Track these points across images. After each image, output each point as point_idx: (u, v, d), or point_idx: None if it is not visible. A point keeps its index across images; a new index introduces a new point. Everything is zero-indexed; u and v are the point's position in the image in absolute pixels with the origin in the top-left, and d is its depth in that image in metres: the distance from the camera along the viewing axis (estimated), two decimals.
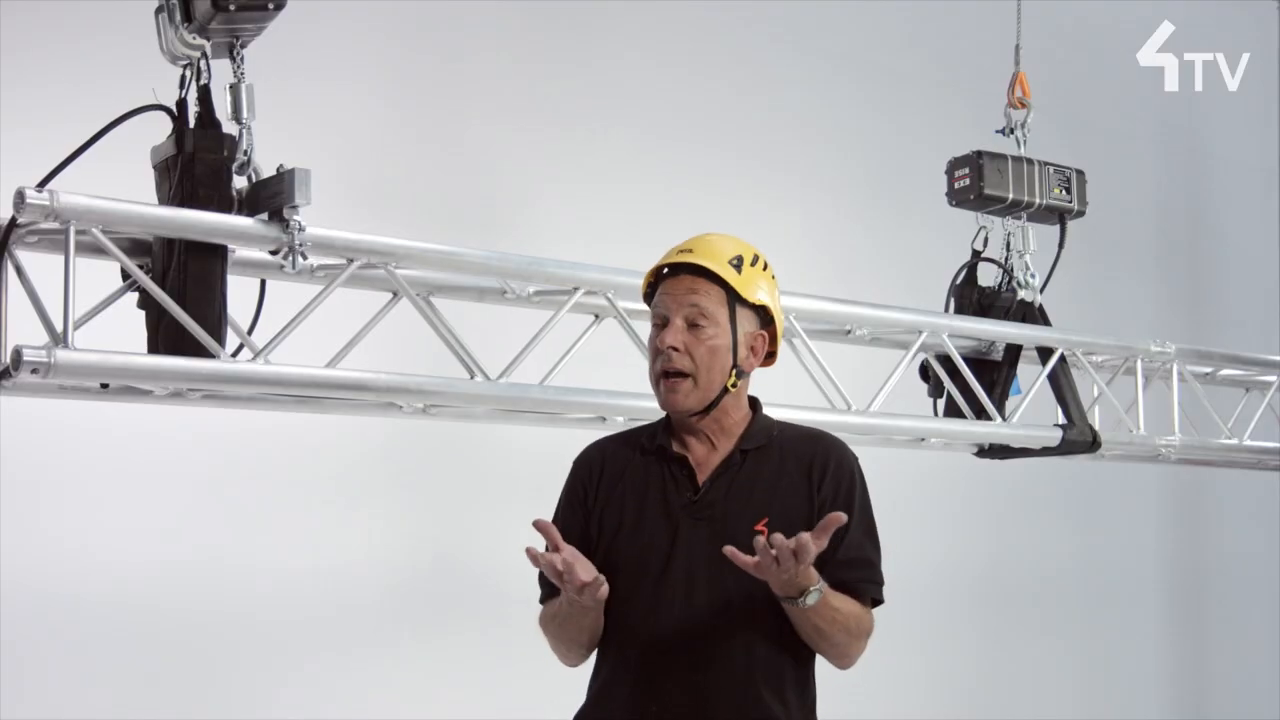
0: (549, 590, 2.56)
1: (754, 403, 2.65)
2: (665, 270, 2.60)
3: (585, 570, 2.37)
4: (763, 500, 2.52)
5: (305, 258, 3.04)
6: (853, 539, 2.52)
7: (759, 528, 2.46)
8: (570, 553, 2.38)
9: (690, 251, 2.57)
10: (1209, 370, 5.32)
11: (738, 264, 2.57)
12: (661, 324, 2.55)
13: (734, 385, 2.57)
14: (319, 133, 4.67)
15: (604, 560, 2.51)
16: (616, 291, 3.64)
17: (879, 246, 6.37)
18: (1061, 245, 4.69)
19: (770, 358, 2.65)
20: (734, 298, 2.56)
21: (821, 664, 2.58)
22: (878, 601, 2.58)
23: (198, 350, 2.92)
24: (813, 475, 2.55)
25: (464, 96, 5.37)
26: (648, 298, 2.65)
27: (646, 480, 2.56)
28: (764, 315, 2.61)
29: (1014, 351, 4.63)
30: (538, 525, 2.41)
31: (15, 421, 3.98)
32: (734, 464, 2.55)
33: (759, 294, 2.59)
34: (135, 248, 2.96)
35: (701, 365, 2.52)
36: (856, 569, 2.53)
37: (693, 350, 2.51)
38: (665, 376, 2.52)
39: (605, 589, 2.40)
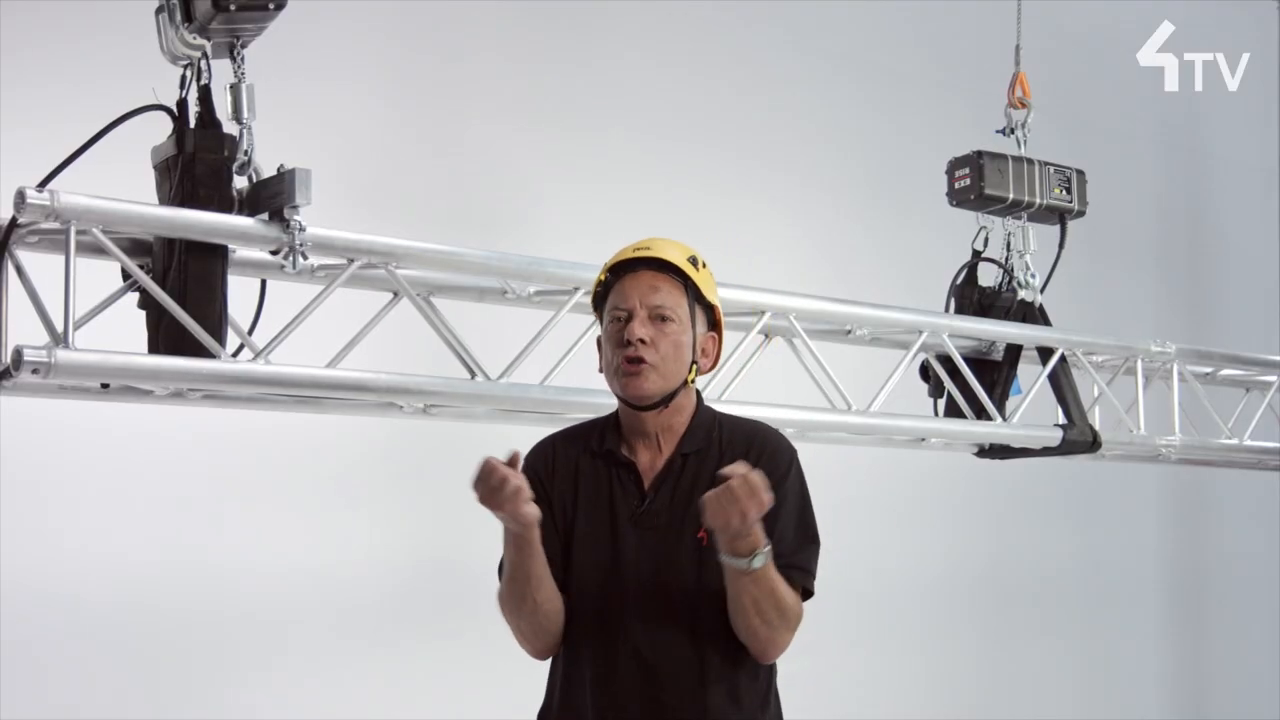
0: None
1: (697, 396, 2.63)
2: (619, 270, 2.56)
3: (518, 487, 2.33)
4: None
5: (305, 258, 3.05)
6: (781, 529, 2.47)
7: (700, 535, 2.44)
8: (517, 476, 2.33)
9: (648, 249, 2.56)
10: (1209, 370, 5.32)
11: (694, 263, 2.57)
12: (624, 317, 2.51)
13: (692, 381, 2.57)
14: (319, 133, 4.67)
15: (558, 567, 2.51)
16: None
17: (879, 246, 6.37)
18: (1061, 245, 4.70)
19: (716, 359, 2.64)
20: (694, 295, 2.56)
21: (821, 667, 2.57)
22: (808, 593, 2.52)
23: (198, 350, 2.92)
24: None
25: (464, 96, 5.37)
26: (599, 297, 2.60)
27: (596, 486, 2.54)
28: (712, 318, 2.61)
29: (1014, 351, 4.63)
30: (489, 463, 2.36)
31: (15, 421, 3.98)
32: (675, 469, 2.53)
33: (712, 295, 2.60)
34: (135, 248, 2.96)
35: (666, 358, 2.50)
36: (783, 557, 2.45)
37: (658, 342, 2.49)
38: (628, 362, 2.49)
39: (533, 510, 2.35)
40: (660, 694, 2.46)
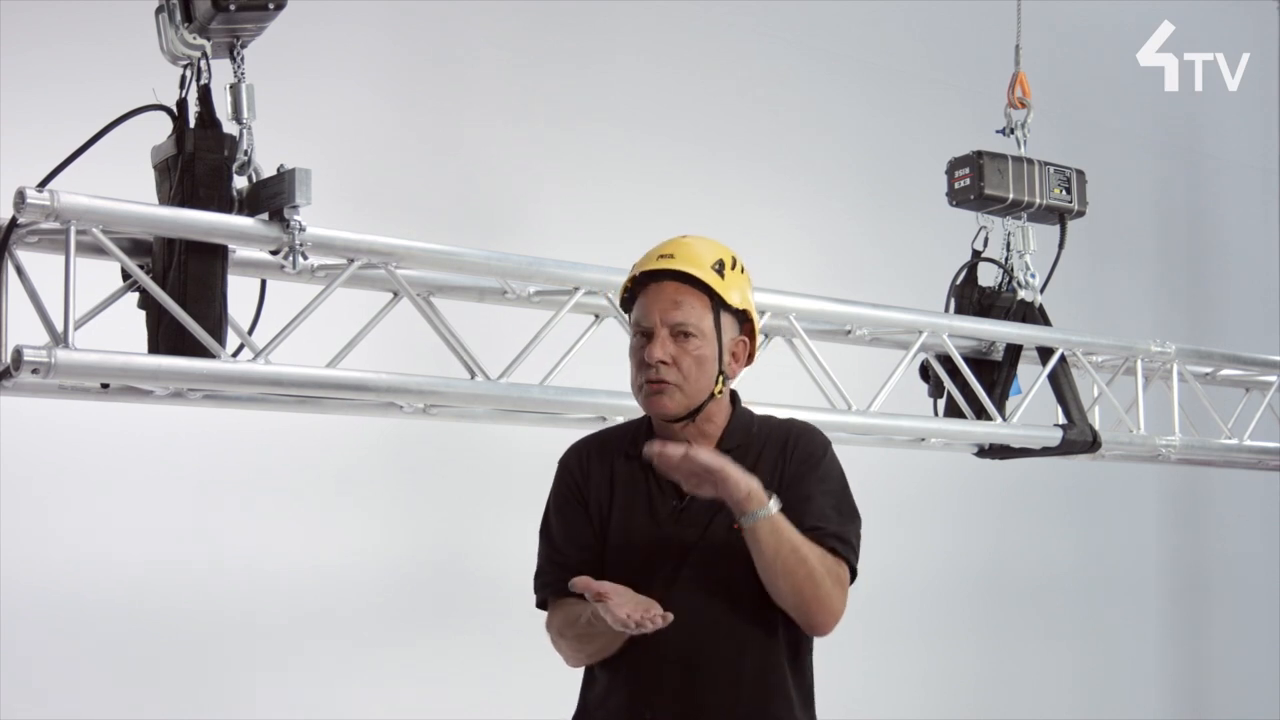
0: (553, 591, 2.55)
1: (733, 397, 2.64)
2: (644, 279, 2.55)
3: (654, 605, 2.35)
4: None
5: (305, 258, 3.05)
6: (817, 508, 2.48)
7: (737, 527, 2.45)
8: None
9: (671, 257, 2.52)
10: (1209, 370, 5.32)
11: (719, 269, 2.54)
12: (646, 335, 2.51)
13: (719, 392, 2.56)
14: (319, 133, 4.67)
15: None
16: (616, 292, 3.62)
17: (879, 246, 6.37)
18: (1061, 245, 4.69)
19: (749, 359, 2.65)
20: (718, 304, 2.53)
21: (820, 667, 2.57)
22: (853, 571, 2.50)
23: (198, 350, 2.92)
24: (784, 455, 2.54)
25: (463, 96, 5.37)
26: (626, 302, 2.60)
27: (631, 487, 2.55)
28: (743, 318, 2.60)
29: (1014, 351, 4.63)
30: (579, 585, 2.35)
31: (15, 421, 3.98)
32: None
33: (740, 299, 2.57)
34: (135, 248, 2.96)
35: (689, 376, 2.49)
36: (822, 523, 2.46)
37: (680, 361, 2.49)
38: (650, 383, 2.49)
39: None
40: (699, 693, 2.45)
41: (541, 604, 2.60)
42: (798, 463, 2.52)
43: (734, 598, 2.45)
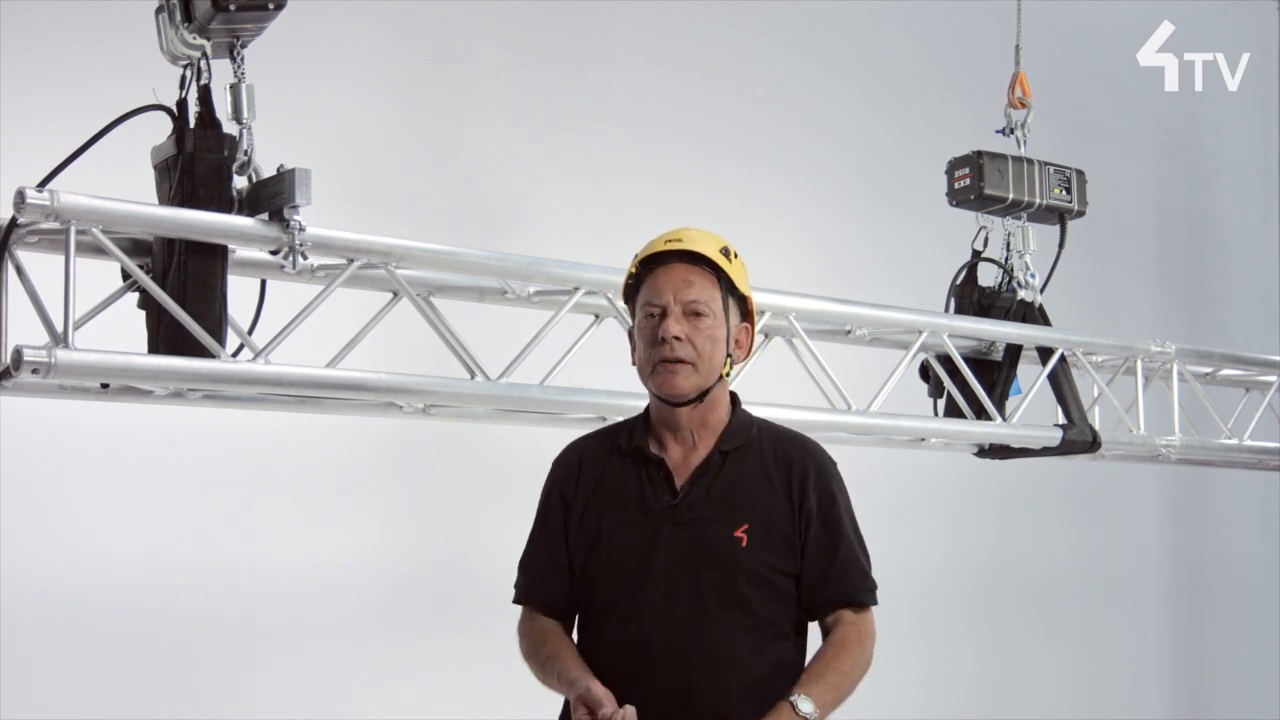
0: (525, 599, 2.60)
1: (733, 398, 2.64)
2: (650, 262, 2.56)
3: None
4: (743, 504, 2.52)
5: (305, 258, 3.04)
6: (847, 546, 2.55)
7: (738, 534, 2.46)
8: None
9: (679, 241, 2.55)
10: (1209, 370, 5.32)
11: (725, 254, 2.57)
12: (658, 313, 2.51)
13: (728, 373, 2.57)
14: (319, 133, 4.67)
15: (584, 567, 2.53)
16: (616, 291, 3.63)
17: (879, 246, 6.37)
18: (1061, 245, 4.69)
19: (749, 351, 2.67)
20: (727, 286, 2.55)
21: None
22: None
23: (198, 350, 2.92)
24: (792, 483, 2.55)
25: (463, 96, 5.37)
26: (630, 289, 2.61)
27: (624, 484, 2.55)
28: (744, 308, 2.61)
29: (1014, 351, 4.63)
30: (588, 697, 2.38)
31: (15, 421, 3.98)
32: (713, 465, 2.54)
33: (743, 285, 2.60)
34: (135, 248, 2.96)
35: (703, 354, 2.51)
36: (855, 578, 2.56)
37: (694, 339, 2.50)
38: (664, 362, 2.49)
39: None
40: (689, 694, 2.45)
41: (518, 599, 2.65)
42: (817, 497, 2.54)
43: (726, 595, 2.46)
